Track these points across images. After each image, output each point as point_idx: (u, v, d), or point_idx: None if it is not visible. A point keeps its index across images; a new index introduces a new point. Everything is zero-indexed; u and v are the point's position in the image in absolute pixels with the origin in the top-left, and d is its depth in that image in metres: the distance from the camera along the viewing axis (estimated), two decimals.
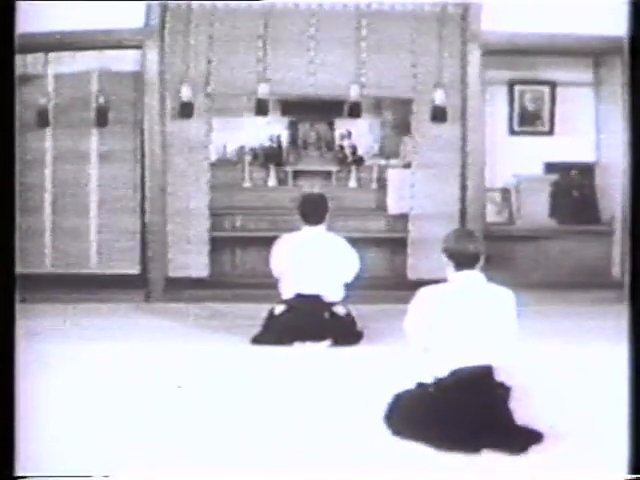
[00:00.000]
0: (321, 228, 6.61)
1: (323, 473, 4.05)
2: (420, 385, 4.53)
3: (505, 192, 9.06)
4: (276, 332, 6.41)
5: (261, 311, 6.62)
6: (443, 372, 4.41)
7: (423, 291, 4.62)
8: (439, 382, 4.44)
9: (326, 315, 6.48)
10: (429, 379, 4.48)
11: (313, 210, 6.62)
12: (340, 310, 6.55)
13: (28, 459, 3.89)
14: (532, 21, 8.01)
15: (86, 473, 3.98)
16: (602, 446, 4.22)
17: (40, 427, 4.26)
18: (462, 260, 4.53)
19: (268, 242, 7.97)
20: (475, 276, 4.55)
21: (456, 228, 4.55)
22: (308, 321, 6.39)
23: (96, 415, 4.70)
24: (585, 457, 4.15)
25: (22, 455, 3.86)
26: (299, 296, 6.48)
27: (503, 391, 4.44)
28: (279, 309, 6.52)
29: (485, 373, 4.42)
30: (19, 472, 3.85)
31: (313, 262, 6.51)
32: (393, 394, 4.62)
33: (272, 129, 9.36)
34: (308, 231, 6.59)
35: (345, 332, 6.46)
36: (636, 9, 4.41)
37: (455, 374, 4.39)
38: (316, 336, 6.34)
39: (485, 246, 8.18)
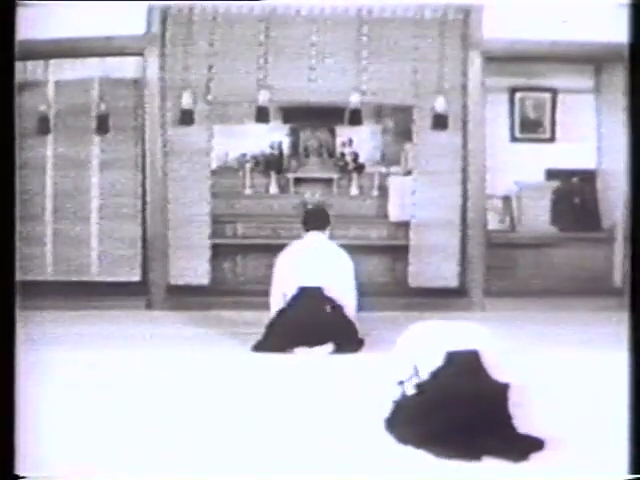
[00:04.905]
0: (323, 234, 6.80)
1: None
2: (418, 386, 4.55)
3: (506, 199, 9.06)
4: (278, 335, 6.41)
5: (262, 318, 6.61)
6: None
7: None
8: (434, 372, 4.48)
9: (327, 309, 6.53)
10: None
11: (315, 218, 6.95)
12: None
13: (28, 459, 3.89)
14: (533, 28, 8.01)
15: (86, 474, 3.98)
16: (602, 453, 4.21)
17: (40, 429, 4.25)
18: None
19: (269, 249, 7.98)
20: None
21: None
22: (310, 316, 6.43)
23: (96, 419, 4.69)
24: (585, 464, 4.14)
25: (22, 455, 3.85)
26: (302, 290, 6.53)
27: (499, 386, 4.46)
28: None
29: (474, 358, 4.48)
30: (19, 472, 3.85)
31: (316, 258, 6.65)
32: (393, 400, 4.62)
33: (273, 136, 9.36)
34: (311, 235, 6.79)
35: (347, 334, 6.47)
36: (637, 16, 4.40)
37: (447, 361, 4.44)
38: (318, 334, 6.36)
39: (487, 253, 8.34)
